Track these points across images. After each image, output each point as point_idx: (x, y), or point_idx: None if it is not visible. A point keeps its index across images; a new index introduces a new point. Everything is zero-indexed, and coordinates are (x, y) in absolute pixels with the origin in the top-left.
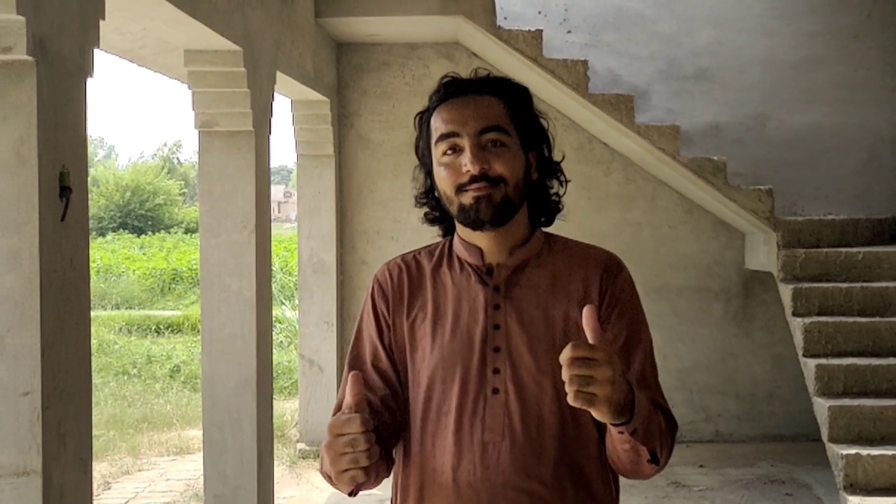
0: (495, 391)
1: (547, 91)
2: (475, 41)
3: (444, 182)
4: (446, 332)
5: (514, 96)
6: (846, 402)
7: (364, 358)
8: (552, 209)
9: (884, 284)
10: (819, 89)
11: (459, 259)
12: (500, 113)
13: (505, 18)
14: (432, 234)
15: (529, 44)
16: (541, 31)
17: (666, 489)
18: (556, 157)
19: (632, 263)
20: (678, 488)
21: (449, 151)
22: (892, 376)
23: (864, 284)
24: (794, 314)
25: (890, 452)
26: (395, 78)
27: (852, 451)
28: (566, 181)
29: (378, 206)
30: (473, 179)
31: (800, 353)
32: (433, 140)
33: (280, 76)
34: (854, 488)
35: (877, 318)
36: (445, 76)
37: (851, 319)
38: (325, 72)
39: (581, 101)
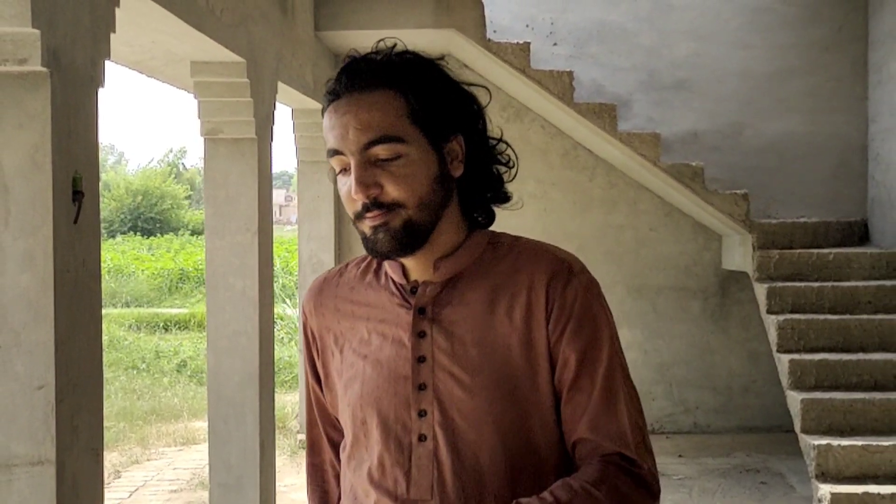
0: (422, 438)
1: (534, 100)
2: (466, 53)
3: (345, 207)
4: (368, 365)
5: (415, 81)
6: (818, 395)
7: (314, 395)
8: (489, 204)
9: (853, 284)
10: (792, 99)
11: (388, 274)
12: (392, 113)
13: (494, 31)
14: None
15: (518, 56)
16: (528, 43)
17: None
18: (495, 133)
19: (614, 264)
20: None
21: (340, 172)
22: (861, 371)
23: (835, 284)
24: (769, 312)
25: (859, 443)
26: None
27: (823, 441)
28: (511, 161)
29: None
30: (366, 208)
31: (774, 348)
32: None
33: (281, 86)
34: (825, 477)
35: (847, 316)
36: (346, 57)
37: (823, 317)
38: (323, 82)
39: (566, 109)
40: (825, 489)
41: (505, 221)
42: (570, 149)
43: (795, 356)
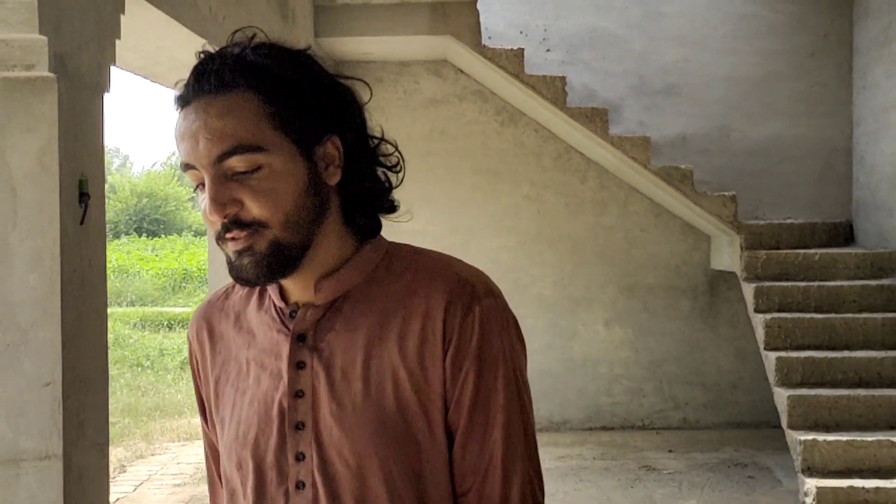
0: (300, 486)
1: (528, 105)
2: (462, 59)
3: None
4: (245, 402)
5: (275, 78)
6: (804, 391)
7: (203, 433)
8: (372, 212)
9: (838, 283)
10: (779, 103)
11: (271, 296)
12: (248, 118)
13: (489, 38)
14: (429, 237)
15: (512, 61)
16: (522, 49)
17: (637, 472)
18: (375, 131)
19: (606, 264)
20: (648, 471)
21: (198, 187)
22: (845, 368)
23: (821, 283)
24: (756, 311)
25: (844, 438)
26: (388, 93)
27: (809, 437)
28: (397, 164)
29: None
30: (226, 228)
31: (761, 346)
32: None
33: None
34: (811, 471)
35: (832, 315)
36: (198, 53)
37: (809, 315)
38: None
39: (559, 114)
40: (811, 483)
41: (500, 223)
42: (563, 152)
43: (782, 354)
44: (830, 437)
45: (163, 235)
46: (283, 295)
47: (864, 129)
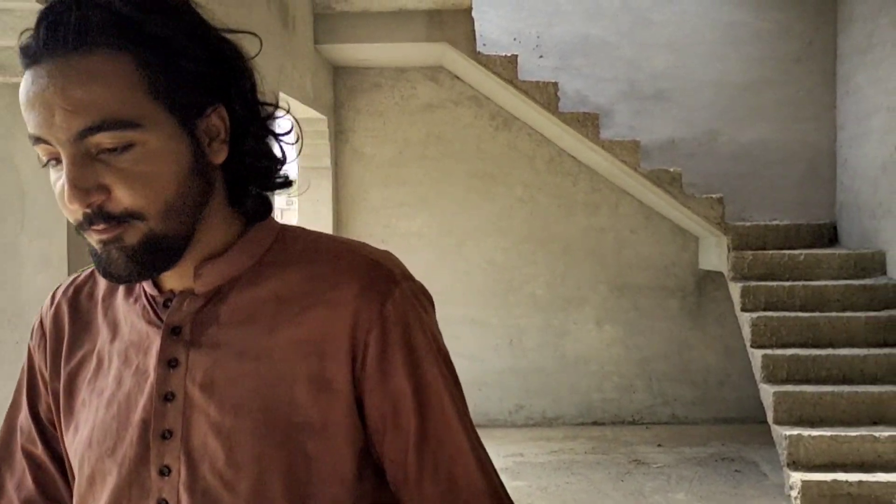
0: None
1: (521, 110)
2: (457, 65)
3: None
4: (102, 404)
5: (153, 34)
6: (789, 388)
7: (15, 431)
8: (266, 190)
9: (822, 283)
10: (765, 108)
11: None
12: (120, 85)
13: (484, 45)
14: (425, 238)
15: (506, 67)
16: (516, 56)
17: (627, 466)
18: (268, 97)
19: (597, 264)
20: (638, 465)
21: (51, 162)
22: (830, 365)
23: (806, 283)
24: (743, 310)
25: (828, 433)
26: (386, 98)
27: (795, 432)
28: (290, 131)
29: (370, 212)
30: (89, 219)
31: (748, 344)
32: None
33: (282, 96)
34: (796, 465)
35: (816, 313)
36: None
37: (794, 314)
38: (323, 92)
39: (552, 118)
40: (796, 477)
41: (494, 224)
42: (556, 155)
43: (768, 351)
44: (815, 432)
45: None
46: (156, 281)
47: (848, 134)
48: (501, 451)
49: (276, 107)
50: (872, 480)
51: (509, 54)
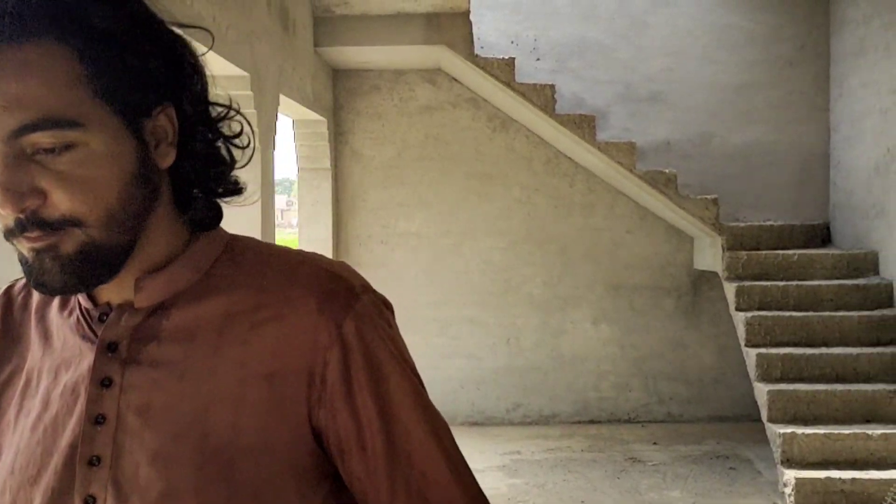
0: None
1: (519, 112)
2: (455, 67)
3: None
4: (28, 424)
5: (97, 25)
6: (783, 386)
7: None
8: (216, 197)
9: (816, 283)
10: (758, 110)
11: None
12: (60, 80)
13: (482, 48)
14: (424, 239)
15: (503, 70)
16: (513, 58)
17: (623, 464)
18: (219, 97)
19: (593, 264)
20: (634, 463)
21: None
22: (823, 364)
23: (799, 283)
24: (737, 309)
25: (822, 431)
26: (385, 100)
27: (788, 430)
28: (245, 135)
29: (369, 213)
30: (21, 225)
31: (742, 343)
32: None
33: (283, 98)
34: (790, 463)
35: (810, 313)
36: None
37: (787, 314)
38: (322, 95)
39: (549, 120)
40: (790, 474)
41: (492, 224)
42: (552, 157)
43: (762, 350)
44: (808, 430)
45: None
46: (91, 292)
47: (841, 136)
48: (499, 449)
49: (229, 108)
50: (865, 478)
51: (507, 57)
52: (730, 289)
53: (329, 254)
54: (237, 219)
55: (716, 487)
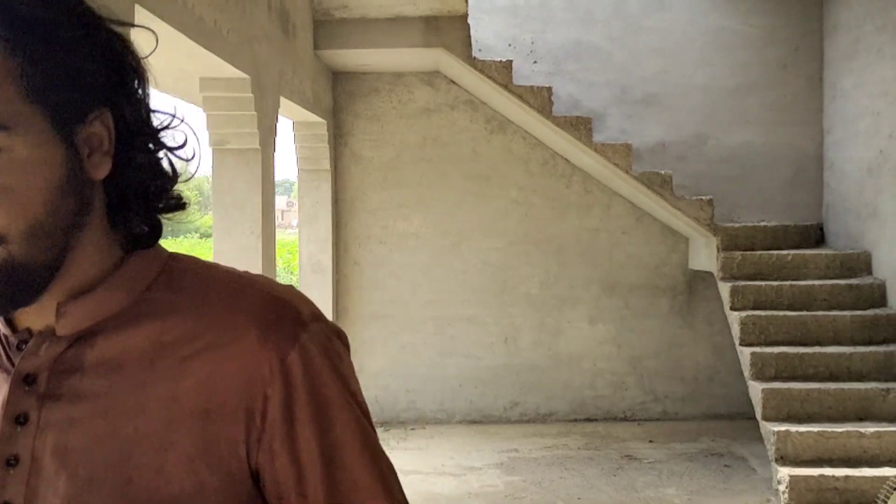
0: None
1: (516, 113)
2: (453, 70)
3: None
4: None
5: (25, 23)
6: (777, 385)
7: None
8: (150, 212)
9: (810, 282)
10: (752, 112)
11: None
12: None
13: (479, 50)
14: (422, 239)
15: (501, 72)
16: (511, 61)
17: (619, 461)
18: (166, 106)
19: (589, 264)
20: (630, 461)
21: None
22: (817, 363)
23: (793, 282)
24: (732, 308)
25: (815, 429)
26: (384, 102)
27: (783, 428)
28: (185, 144)
29: (368, 214)
30: None
31: (737, 342)
32: None
33: (283, 101)
34: (784, 460)
35: (804, 312)
36: None
37: (782, 313)
38: (322, 97)
39: (546, 122)
40: (784, 471)
41: (489, 225)
42: (549, 158)
43: (756, 349)
44: (802, 428)
45: (170, 237)
46: (9, 317)
47: (834, 137)
48: (496, 447)
49: (173, 116)
50: (858, 475)
51: (504, 60)
52: (724, 288)
53: (329, 254)
54: (238, 221)
55: (711, 485)
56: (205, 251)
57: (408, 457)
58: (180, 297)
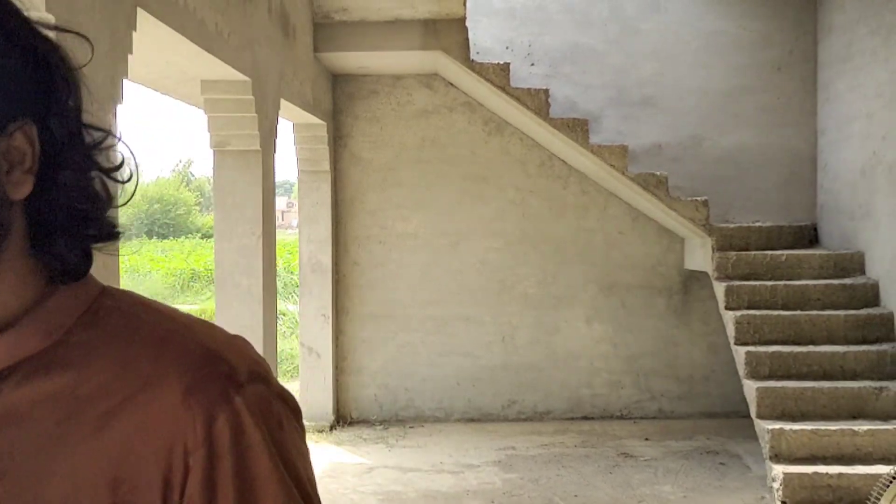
0: None
1: (513, 115)
2: (451, 72)
3: None
4: None
5: None
6: (771, 383)
7: None
8: (79, 240)
9: (804, 282)
10: (747, 114)
11: None
12: None
13: (477, 53)
14: (421, 239)
15: (498, 75)
16: (508, 64)
17: (616, 459)
18: (100, 117)
19: (586, 264)
20: (626, 458)
21: None
22: (810, 362)
23: (787, 282)
24: (727, 308)
25: (809, 427)
26: (383, 104)
27: (777, 426)
28: (122, 165)
29: (368, 214)
30: None
31: (732, 341)
32: None
33: (283, 103)
34: (778, 458)
35: (798, 312)
36: None
37: (776, 313)
38: (322, 99)
39: (543, 124)
40: (778, 469)
41: (487, 226)
42: (546, 159)
43: (751, 348)
44: (796, 426)
45: (172, 238)
46: None
47: (828, 139)
48: (494, 445)
49: (108, 133)
50: (851, 472)
51: (502, 62)
52: (719, 288)
53: (328, 254)
54: (239, 222)
55: (706, 482)
56: (206, 251)
57: (407, 454)
58: (103, 341)
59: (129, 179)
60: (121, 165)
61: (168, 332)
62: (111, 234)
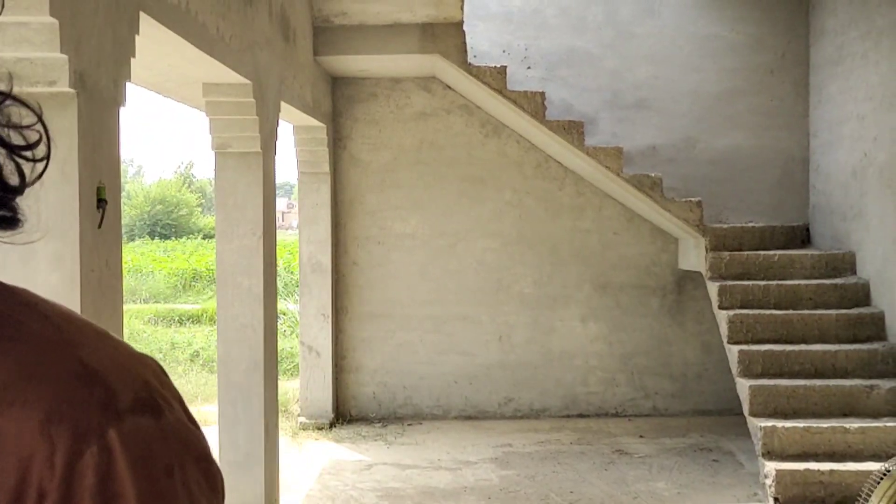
0: None
1: (510, 118)
2: (449, 76)
3: None
4: None
5: None
6: (764, 382)
7: None
8: None
9: (796, 282)
10: (740, 116)
11: None
12: None
13: (475, 56)
14: (419, 240)
15: (495, 78)
16: (505, 67)
17: (611, 456)
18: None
19: (582, 264)
20: (621, 455)
21: None
22: (802, 360)
23: (780, 282)
24: (720, 307)
25: (801, 425)
26: (382, 107)
27: (769, 423)
28: (38, 143)
29: (367, 215)
30: None
31: (725, 340)
32: None
33: (284, 105)
34: (771, 455)
35: (790, 311)
36: None
37: (768, 312)
38: (322, 102)
39: (539, 126)
40: (770, 466)
41: (484, 226)
42: (543, 161)
43: (744, 347)
44: (788, 424)
45: (174, 238)
46: None
47: (820, 141)
48: (491, 442)
49: (27, 105)
50: (843, 469)
51: (499, 65)
52: (713, 288)
53: (328, 254)
54: (240, 222)
55: (699, 479)
56: (208, 252)
57: (405, 451)
58: None
59: (43, 157)
60: (37, 143)
61: (45, 343)
62: (11, 219)
